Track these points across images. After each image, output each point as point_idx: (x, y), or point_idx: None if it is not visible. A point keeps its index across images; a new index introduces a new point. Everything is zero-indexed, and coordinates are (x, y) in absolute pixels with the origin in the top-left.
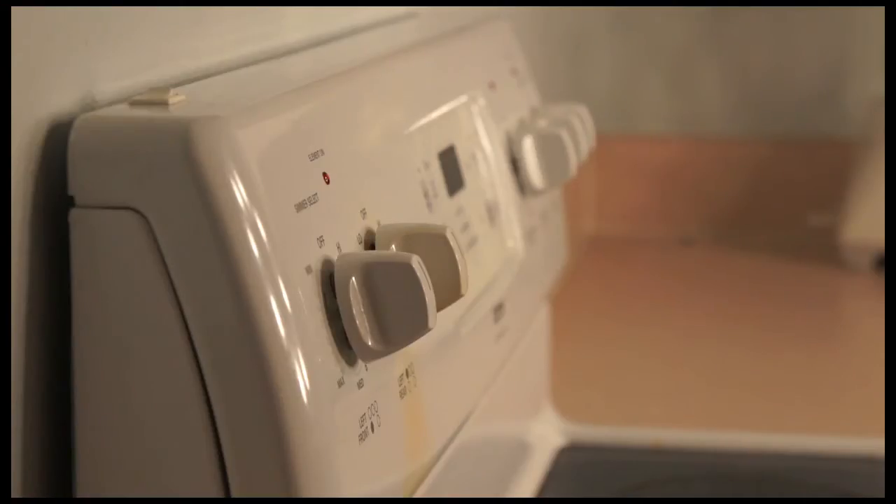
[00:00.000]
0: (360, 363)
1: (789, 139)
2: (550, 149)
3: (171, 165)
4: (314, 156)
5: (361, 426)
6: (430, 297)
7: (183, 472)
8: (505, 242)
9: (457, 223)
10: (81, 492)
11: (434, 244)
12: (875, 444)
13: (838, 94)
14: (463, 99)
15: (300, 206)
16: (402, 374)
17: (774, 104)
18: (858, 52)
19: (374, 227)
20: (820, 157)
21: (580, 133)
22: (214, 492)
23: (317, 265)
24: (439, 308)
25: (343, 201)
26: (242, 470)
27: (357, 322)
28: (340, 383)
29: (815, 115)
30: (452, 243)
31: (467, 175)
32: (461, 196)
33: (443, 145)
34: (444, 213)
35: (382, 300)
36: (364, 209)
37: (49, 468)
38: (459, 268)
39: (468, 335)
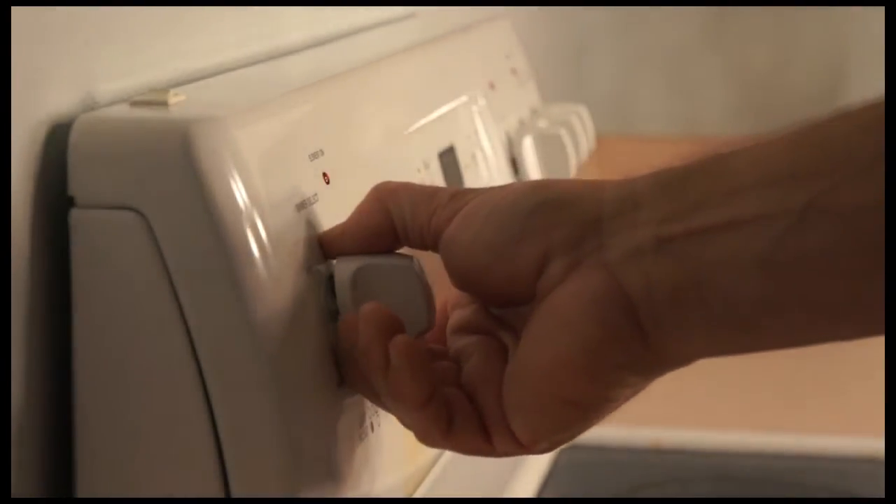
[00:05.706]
0: None
1: None
2: (550, 149)
3: (171, 166)
4: (314, 156)
5: (361, 426)
6: (429, 297)
7: (183, 472)
8: None
9: None
10: (81, 492)
11: None
12: (875, 444)
13: (838, 94)
14: (463, 99)
15: (300, 206)
16: None
17: (774, 104)
18: (858, 52)
19: None
20: None
21: (580, 133)
22: (214, 492)
23: (317, 265)
24: None
25: (343, 201)
26: (242, 470)
27: None
28: (340, 383)
29: (815, 115)
30: None
31: (467, 175)
32: None
33: (443, 145)
34: None
35: (382, 300)
36: None
37: (49, 468)
38: None
39: None
